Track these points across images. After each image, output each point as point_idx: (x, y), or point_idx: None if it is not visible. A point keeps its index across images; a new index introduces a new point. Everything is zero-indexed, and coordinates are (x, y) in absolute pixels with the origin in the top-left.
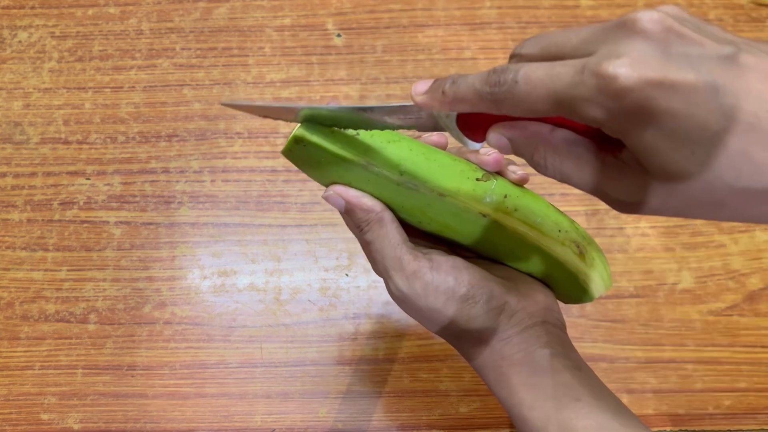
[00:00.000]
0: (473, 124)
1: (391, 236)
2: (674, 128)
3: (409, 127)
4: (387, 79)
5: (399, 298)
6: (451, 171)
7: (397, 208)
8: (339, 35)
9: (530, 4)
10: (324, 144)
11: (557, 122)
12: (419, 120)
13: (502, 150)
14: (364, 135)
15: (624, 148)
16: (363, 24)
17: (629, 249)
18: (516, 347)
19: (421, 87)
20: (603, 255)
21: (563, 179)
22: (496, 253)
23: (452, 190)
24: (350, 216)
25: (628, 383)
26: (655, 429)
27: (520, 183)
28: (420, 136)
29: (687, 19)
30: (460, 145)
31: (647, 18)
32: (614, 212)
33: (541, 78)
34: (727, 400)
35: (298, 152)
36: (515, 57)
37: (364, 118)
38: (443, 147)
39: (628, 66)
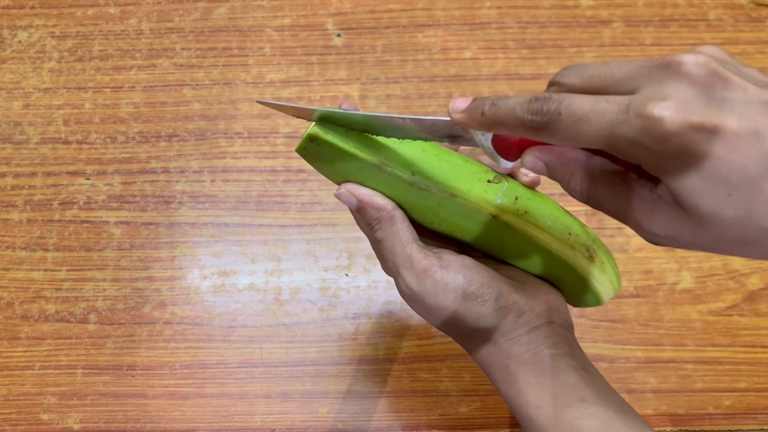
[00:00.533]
0: (507, 144)
1: (401, 234)
2: (714, 172)
3: (440, 140)
4: (387, 79)
5: (409, 296)
6: (462, 172)
7: (409, 207)
8: (339, 35)
9: (530, 4)
10: (337, 142)
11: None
12: (452, 135)
13: (537, 172)
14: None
15: (660, 183)
16: (363, 24)
17: (629, 249)
18: (523, 347)
19: (460, 104)
20: (612, 258)
21: (596, 206)
22: (506, 254)
23: (463, 191)
24: (361, 214)
25: (628, 383)
26: (655, 429)
27: (531, 186)
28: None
29: (729, 62)
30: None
31: (692, 61)
32: None
33: (585, 112)
34: (726, 400)
35: (312, 150)
36: (555, 85)
37: (393, 126)
38: (455, 148)
39: (673, 109)
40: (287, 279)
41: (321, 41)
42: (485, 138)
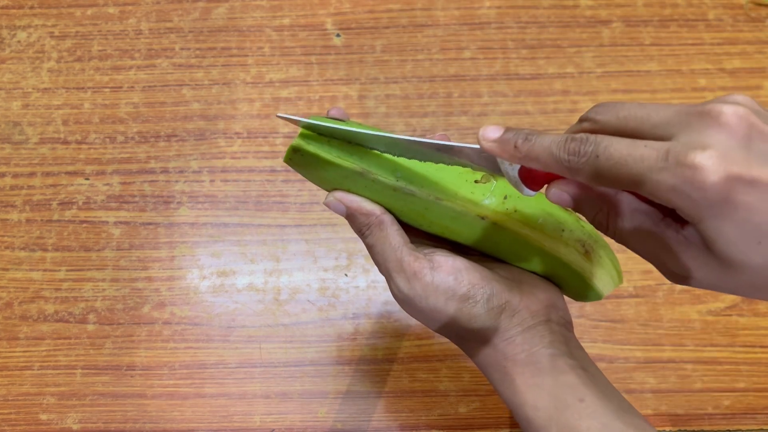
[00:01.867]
0: (534, 175)
1: (391, 239)
2: (748, 221)
3: (463, 165)
4: (386, 79)
5: (401, 299)
6: (448, 173)
7: (397, 212)
8: (338, 35)
9: (529, 4)
10: (320, 153)
11: None
12: (478, 162)
13: (562, 204)
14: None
15: (687, 225)
16: (362, 24)
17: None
18: (519, 347)
19: (492, 134)
20: (611, 252)
21: (622, 242)
22: (499, 253)
23: (450, 193)
24: (351, 221)
25: (627, 383)
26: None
27: None
28: (423, 135)
29: (762, 113)
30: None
31: (731, 112)
32: None
33: (623, 156)
34: (726, 400)
35: (297, 160)
36: (588, 121)
37: (414, 149)
38: None
39: (715, 159)
40: (286, 279)
41: (320, 41)
42: (512, 168)
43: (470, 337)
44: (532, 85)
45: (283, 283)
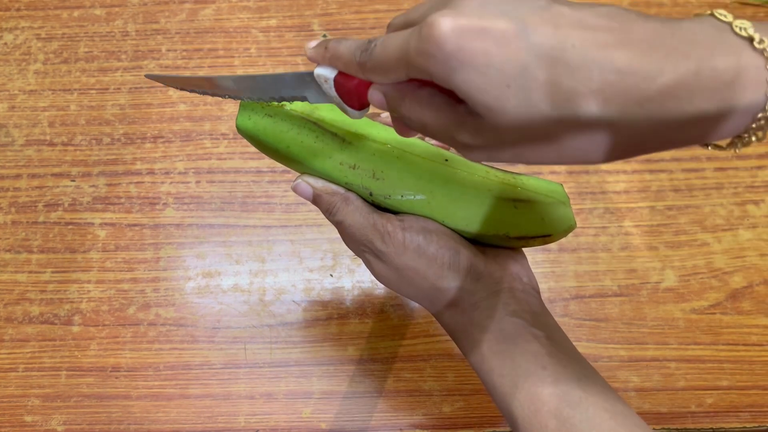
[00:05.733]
0: (347, 90)
1: (359, 208)
2: (490, 66)
3: (301, 99)
4: None
5: (378, 260)
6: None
7: (354, 189)
8: (325, 36)
9: None
10: (260, 137)
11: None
12: (308, 91)
13: (380, 106)
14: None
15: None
16: (349, 24)
17: (613, 248)
18: (484, 313)
19: (313, 43)
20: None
21: (423, 128)
22: (449, 209)
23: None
24: (318, 202)
25: (611, 382)
26: None
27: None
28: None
29: None
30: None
31: None
32: (598, 211)
33: (390, 41)
34: (709, 398)
35: (248, 140)
36: (388, 27)
37: (251, 87)
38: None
39: (447, 16)
40: (272, 280)
41: (307, 42)
42: (329, 86)
43: (439, 300)
44: None
45: (268, 284)
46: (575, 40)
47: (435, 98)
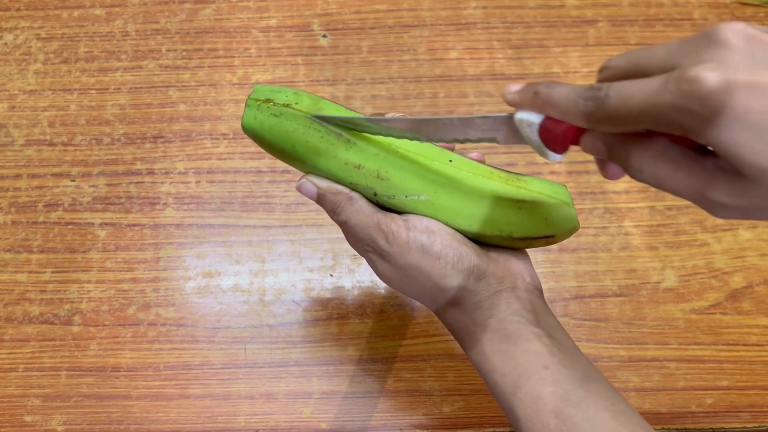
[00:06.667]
0: (554, 135)
1: (364, 208)
2: (758, 124)
3: (489, 140)
4: (372, 80)
5: (382, 259)
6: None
7: (359, 189)
8: (325, 36)
9: (515, 4)
10: (265, 136)
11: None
12: (498, 132)
13: (597, 154)
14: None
15: (711, 155)
16: (348, 24)
17: (613, 248)
18: (486, 312)
19: (514, 87)
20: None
21: (658, 184)
22: (452, 208)
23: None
24: (322, 202)
25: (611, 382)
26: None
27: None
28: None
29: (761, 28)
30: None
31: (728, 28)
32: (598, 211)
33: (632, 91)
34: (709, 398)
35: (254, 140)
36: (603, 70)
37: (436, 128)
38: (451, 148)
39: (712, 70)
40: (272, 280)
41: (307, 42)
42: (532, 131)
43: (443, 300)
44: None
45: (268, 284)
46: None
47: (670, 151)
